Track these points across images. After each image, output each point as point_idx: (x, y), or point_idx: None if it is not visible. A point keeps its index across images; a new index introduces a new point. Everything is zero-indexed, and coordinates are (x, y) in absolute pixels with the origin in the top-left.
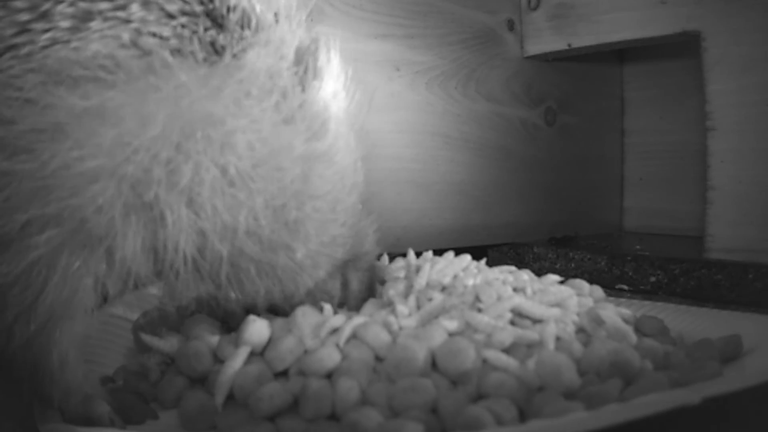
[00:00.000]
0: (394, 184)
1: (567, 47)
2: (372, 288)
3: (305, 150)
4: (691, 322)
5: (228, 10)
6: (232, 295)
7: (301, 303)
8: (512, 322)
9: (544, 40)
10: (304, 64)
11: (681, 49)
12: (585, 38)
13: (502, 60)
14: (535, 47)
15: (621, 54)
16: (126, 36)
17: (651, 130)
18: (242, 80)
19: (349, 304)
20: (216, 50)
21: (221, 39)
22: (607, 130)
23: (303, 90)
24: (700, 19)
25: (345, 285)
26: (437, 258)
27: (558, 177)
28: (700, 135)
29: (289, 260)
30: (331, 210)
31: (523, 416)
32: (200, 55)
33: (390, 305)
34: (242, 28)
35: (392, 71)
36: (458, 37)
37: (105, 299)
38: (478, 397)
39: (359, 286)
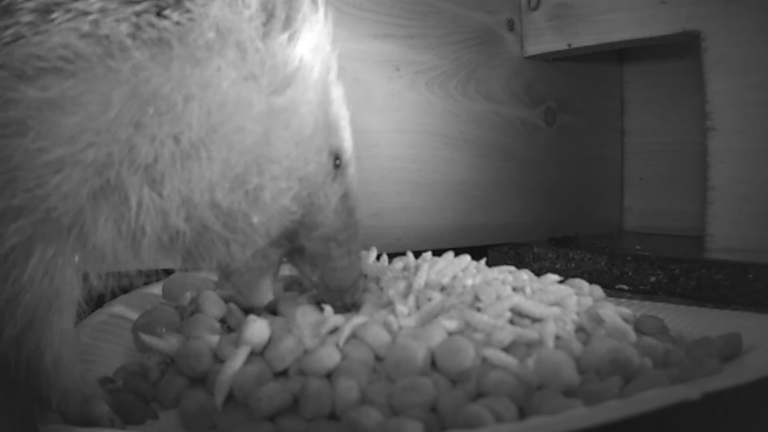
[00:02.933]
0: (394, 184)
1: (567, 47)
2: (342, 260)
3: (266, 107)
4: (690, 321)
5: None
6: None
7: (243, 264)
8: (512, 322)
9: (544, 40)
10: (271, 13)
11: (681, 49)
12: (585, 38)
13: (502, 60)
14: (535, 47)
15: (621, 54)
16: (86, 27)
17: (651, 130)
18: (188, 45)
19: (304, 274)
20: (174, 25)
21: (176, 15)
22: (607, 130)
23: (266, 43)
24: (700, 19)
25: (300, 252)
26: (436, 258)
27: (558, 177)
28: (700, 135)
29: (246, 225)
30: (286, 177)
31: (522, 414)
32: (156, 36)
33: (390, 305)
34: None
35: (392, 71)
36: (458, 37)
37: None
38: (478, 395)
39: (313, 254)
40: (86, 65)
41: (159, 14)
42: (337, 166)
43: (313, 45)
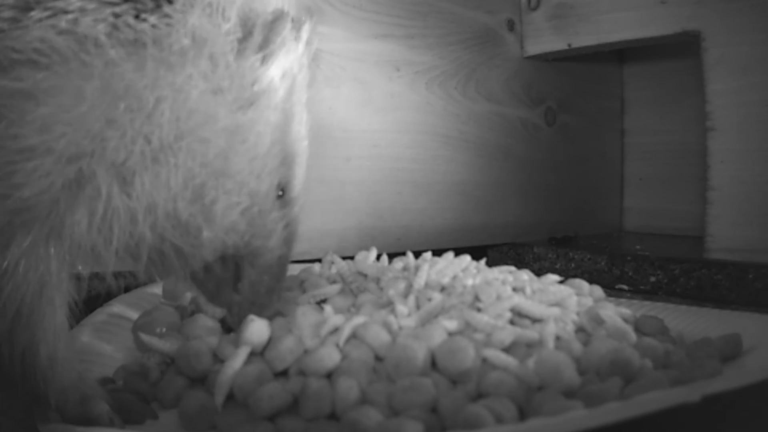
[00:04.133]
0: (394, 184)
1: (567, 47)
2: (270, 290)
3: (230, 122)
4: (691, 321)
5: None
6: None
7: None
8: (512, 322)
9: (544, 40)
10: (249, 32)
11: (681, 49)
12: (585, 38)
13: (502, 60)
14: (535, 47)
15: (621, 54)
16: (63, 24)
17: (651, 130)
18: (163, 48)
19: (241, 297)
20: (150, 25)
21: (154, 19)
22: (607, 130)
23: (238, 59)
24: (700, 19)
25: (238, 277)
26: (437, 258)
27: (558, 177)
28: (700, 135)
29: (195, 239)
30: (237, 192)
31: (522, 415)
32: (132, 36)
33: (390, 305)
34: None
35: (392, 71)
36: (458, 37)
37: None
38: (478, 396)
39: (250, 283)
40: (60, 59)
41: (137, 17)
42: (281, 197)
43: (282, 71)
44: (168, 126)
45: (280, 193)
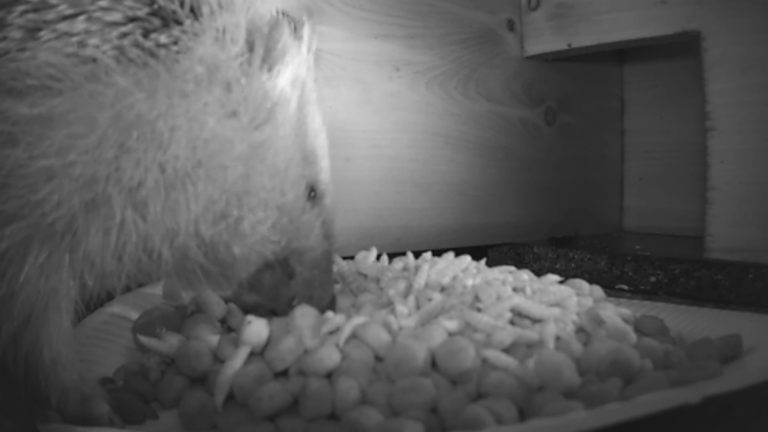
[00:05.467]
0: (394, 184)
1: (567, 47)
2: (324, 282)
3: (247, 145)
4: (691, 322)
5: (180, 3)
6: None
7: (235, 293)
8: (512, 322)
9: (544, 40)
10: (253, 46)
11: (681, 49)
12: (585, 38)
13: (502, 60)
14: (535, 47)
15: (621, 54)
16: (70, 48)
17: (651, 130)
18: (177, 77)
19: (297, 297)
20: (160, 47)
21: (164, 38)
22: (607, 130)
23: (249, 79)
24: (700, 19)
25: (290, 277)
26: (437, 258)
27: (558, 177)
28: (700, 135)
29: (228, 257)
30: (263, 208)
31: (523, 415)
32: (141, 58)
33: (390, 305)
34: (195, 17)
35: (392, 71)
36: (458, 37)
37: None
38: (478, 396)
39: (303, 280)
40: (72, 85)
41: (145, 36)
42: (312, 197)
43: (292, 77)
44: (184, 155)
45: (312, 193)
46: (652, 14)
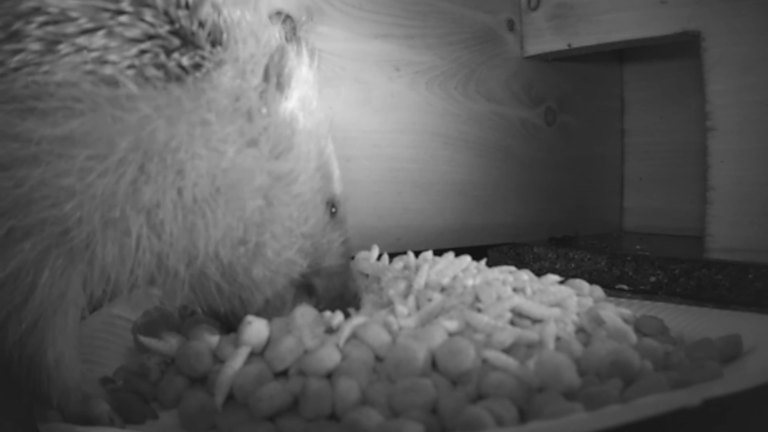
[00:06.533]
0: (394, 184)
1: (567, 47)
2: (344, 294)
3: (267, 176)
4: (691, 322)
5: (199, 25)
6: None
7: (258, 311)
8: (512, 322)
9: (544, 40)
10: (267, 76)
11: (681, 49)
12: (585, 38)
13: (502, 60)
14: (535, 47)
15: (621, 54)
16: (89, 65)
17: (651, 130)
18: (200, 107)
19: (321, 303)
20: (182, 71)
21: (186, 60)
22: (607, 130)
23: (268, 108)
24: (700, 19)
25: (312, 293)
26: (437, 258)
27: (558, 177)
28: (700, 135)
29: (246, 279)
30: (287, 235)
31: (523, 416)
32: (162, 81)
33: (390, 305)
34: (213, 44)
35: (392, 71)
36: (458, 37)
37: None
38: (478, 397)
39: (324, 293)
40: (93, 106)
41: (167, 55)
42: (333, 214)
43: (303, 101)
44: (203, 182)
45: (333, 210)
46: (652, 14)
